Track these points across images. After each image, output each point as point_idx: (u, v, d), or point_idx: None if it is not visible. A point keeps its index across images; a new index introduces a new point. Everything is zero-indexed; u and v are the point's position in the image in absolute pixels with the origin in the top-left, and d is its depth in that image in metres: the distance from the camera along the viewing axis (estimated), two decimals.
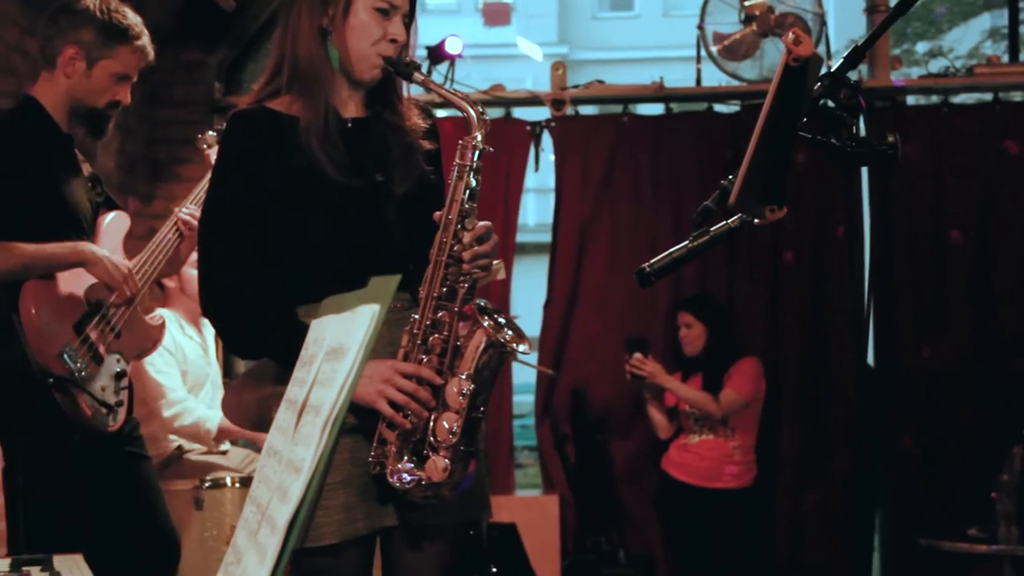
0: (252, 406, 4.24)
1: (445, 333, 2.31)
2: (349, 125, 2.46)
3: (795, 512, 6.05)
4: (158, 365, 4.58)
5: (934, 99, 6.21)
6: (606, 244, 6.28)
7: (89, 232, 3.45)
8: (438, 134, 2.59)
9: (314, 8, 2.43)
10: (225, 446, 4.77)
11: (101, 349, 3.32)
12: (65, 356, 3.16)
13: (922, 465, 5.91)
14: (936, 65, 6.24)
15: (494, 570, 5.23)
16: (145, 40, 3.43)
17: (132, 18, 3.41)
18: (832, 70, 2.17)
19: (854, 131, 2.16)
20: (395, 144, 2.48)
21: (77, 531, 3.25)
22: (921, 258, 6.01)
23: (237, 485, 4.02)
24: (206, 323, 4.97)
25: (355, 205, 2.40)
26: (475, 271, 2.34)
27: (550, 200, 6.63)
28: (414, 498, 2.28)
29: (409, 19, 2.46)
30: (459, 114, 2.44)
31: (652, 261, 2.35)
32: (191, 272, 4.76)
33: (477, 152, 2.36)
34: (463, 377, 2.28)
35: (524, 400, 7.94)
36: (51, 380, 3.12)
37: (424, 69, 3.13)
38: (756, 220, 2.17)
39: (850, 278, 6.10)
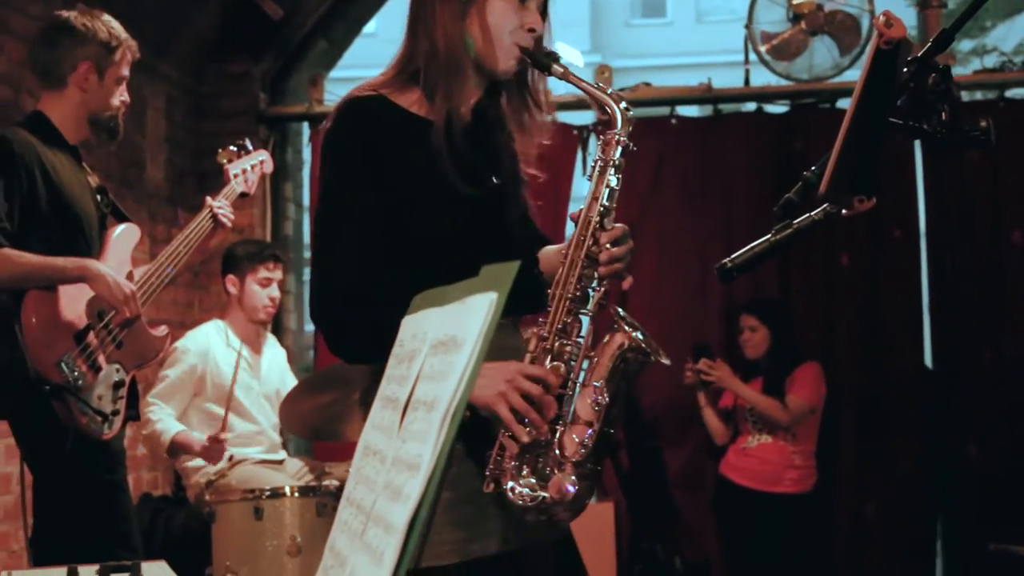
0: (308, 414, 4.25)
1: (577, 339, 2.13)
2: (469, 124, 2.30)
3: (856, 518, 5.95)
4: (172, 379, 4.56)
5: (979, 95, 6.10)
6: (655, 248, 6.21)
7: (95, 242, 3.51)
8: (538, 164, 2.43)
9: None
10: (281, 454, 4.74)
11: (100, 359, 3.37)
12: (63, 364, 3.23)
13: (986, 470, 5.80)
14: (988, 62, 6.11)
15: None
16: (126, 35, 3.55)
17: (115, 24, 3.55)
18: (919, 55, 2.11)
19: (944, 117, 2.10)
20: (504, 152, 2.33)
21: (79, 537, 3.28)
22: (980, 259, 5.90)
23: (296, 495, 3.97)
24: (265, 339, 4.93)
25: (476, 212, 2.24)
26: (610, 274, 2.17)
27: None
28: (527, 519, 2.08)
29: (544, 9, 2.31)
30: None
31: (733, 256, 2.26)
32: (256, 290, 4.75)
33: (620, 148, 2.22)
34: (597, 385, 2.10)
35: None
36: (47, 387, 3.18)
37: None
38: (844, 211, 2.11)
39: (907, 280, 6.00)
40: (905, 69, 2.09)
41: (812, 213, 2.20)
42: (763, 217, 5.96)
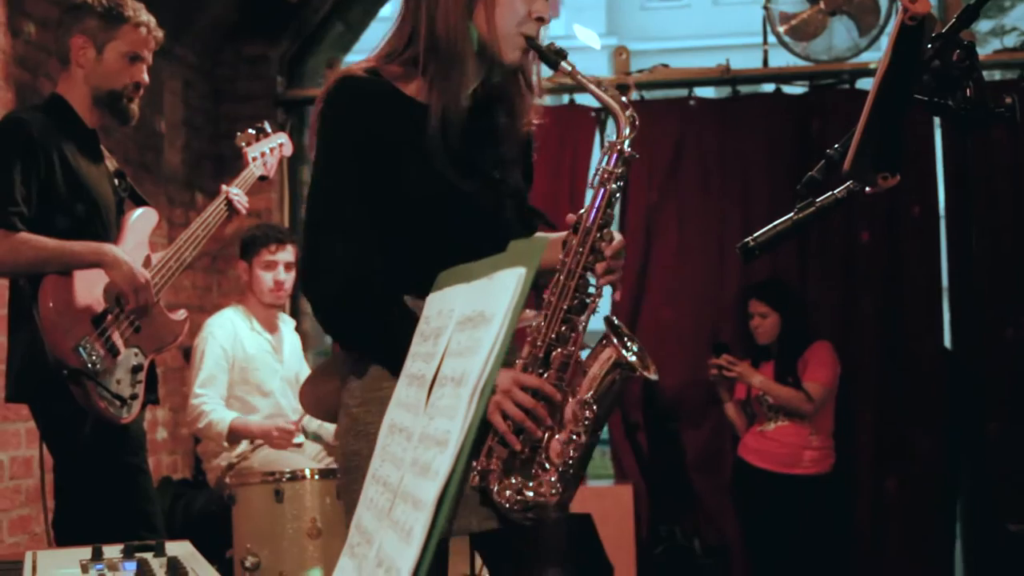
0: (329, 398, 4.23)
1: (570, 348, 2.12)
2: (468, 114, 2.26)
3: (875, 499, 5.93)
4: (208, 364, 4.57)
5: (997, 75, 6.06)
6: (674, 230, 6.19)
7: (113, 226, 3.51)
8: (532, 142, 2.41)
9: None
10: (300, 437, 4.75)
11: (119, 343, 3.37)
12: (81, 349, 3.22)
13: (1006, 451, 5.77)
14: (1007, 42, 6.04)
15: None
16: (145, 18, 3.50)
17: (130, 2, 3.49)
18: (944, 31, 2.09)
19: (969, 94, 2.08)
20: (507, 144, 2.31)
21: (100, 519, 3.31)
22: (999, 237, 5.86)
23: (316, 477, 3.98)
24: (282, 322, 4.95)
25: (473, 205, 2.23)
26: (606, 285, 2.17)
27: None
28: (515, 519, 2.10)
29: None
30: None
31: (755, 235, 2.25)
32: (261, 274, 4.75)
33: (623, 157, 2.18)
34: (586, 398, 2.10)
35: None
36: (65, 372, 3.19)
37: None
38: (868, 189, 2.09)
39: (926, 259, 5.97)
40: (929, 45, 2.08)
41: (835, 191, 2.19)
42: (781, 198, 5.97)
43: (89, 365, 3.23)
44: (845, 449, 5.66)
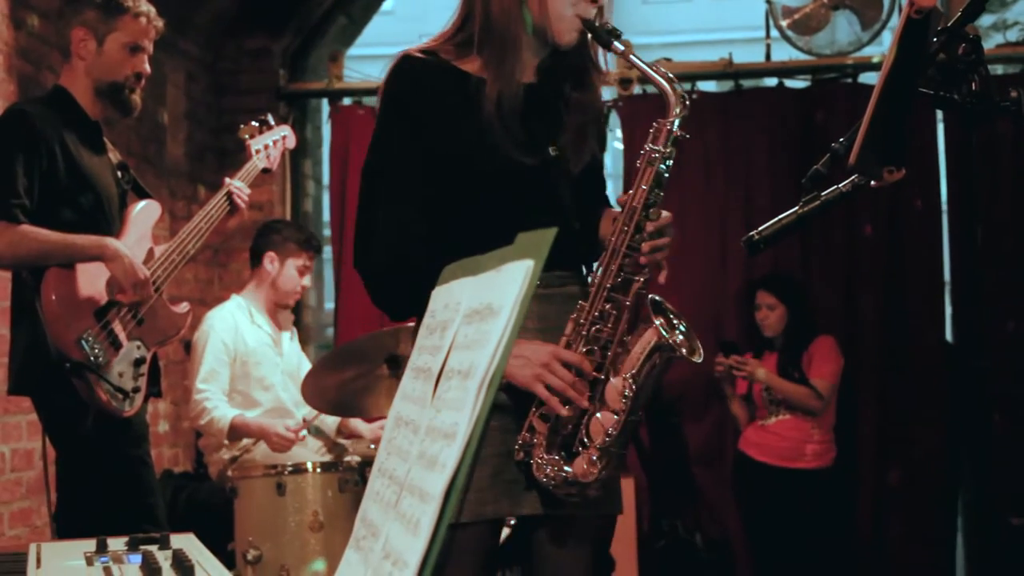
0: (331, 390, 4.26)
1: (611, 326, 2.14)
2: (525, 92, 2.28)
3: (876, 493, 5.94)
4: (209, 358, 4.57)
5: (999, 69, 6.05)
6: (676, 225, 6.16)
7: (116, 219, 3.50)
8: (605, 119, 2.45)
9: None
10: (302, 432, 4.75)
11: (121, 336, 3.36)
12: (83, 342, 3.22)
13: (1008, 444, 5.77)
14: (1010, 36, 6.04)
15: None
16: (145, 8, 3.49)
17: None
18: (949, 24, 2.09)
19: (974, 87, 2.08)
20: (570, 123, 2.31)
21: (102, 512, 3.30)
22: (1002, 231, 5.85)
23: (318, 470, 3.98)
24: (284, 315, 4.96)
25: (527, 182, 2.24)
26: (650, 264, 2.18)
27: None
28: (557, 494, 2.13)
29: None
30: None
31: (760, 228, 2.26)
32: (292, 274, 4.77)
33: (672, 138, 2.20)
34: (626, 377, 2.10)
35: None
36: (68, 365, 3.19)
37: None
38: (873, 182, 2.09)
39: (929, 252, 5.97)
40: (935, 39, 2.07)
41: (840, 184, 2.19)
42: (784, 192, 5.97)
43: (91, 358, 3.23)
44: (846, 443, 5.67)
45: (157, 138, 5.71)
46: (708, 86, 6.52)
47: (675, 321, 2.16)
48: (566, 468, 2.11)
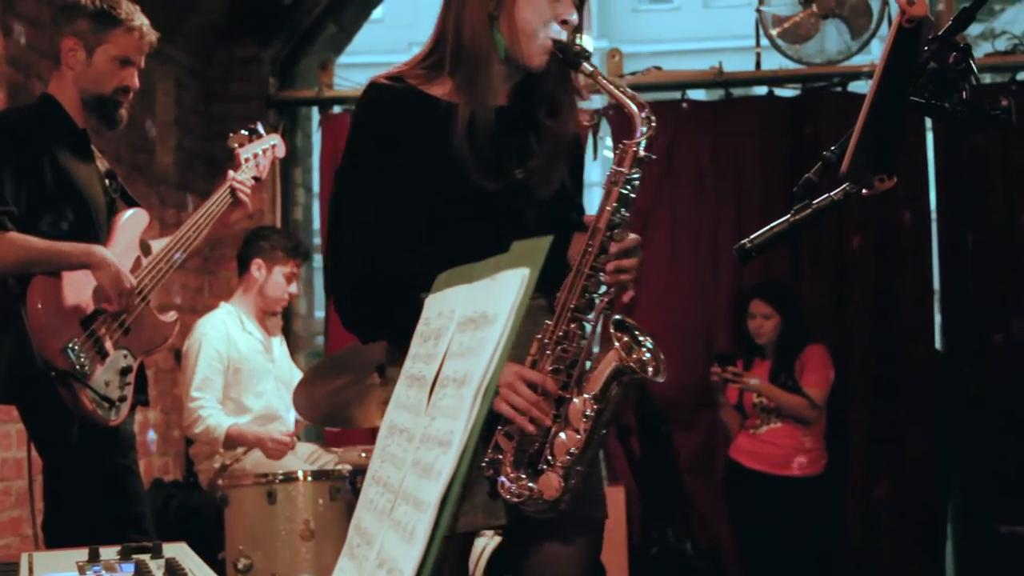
0: (322, 400, 4.24)
1: (576, 345, 2.16)
2: (497, 116, 2.30)
3: (867, 501, 5.95)
4: (202, 366, 4.56)
5: (988, 78, 6.06)
6: (666, 233, 6.19)
7: (103, 227, 3.48)
8: (583, 144, 2.46)
9: None
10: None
11: (108, 344, 3.35)
12: (68, 351, 3.20)
13: (997, 453, 5.79)
14: (998, 45, 6.05)
15: None
16: (139, 21, 3.47)
17: (124, 4, 3.46)
18: (940, 33, 2.09)
19: (964, 95, 2.08)
20: (540, 150, 2.33)
21: (90, 521, 3.29)
22: (991, 241, 5.87)
23: (309, 479, 3.97)
24: (273, 322, 4.96)
25: (492, 205, 2.26)
26: (615, 286, 2.20)
27: None
28: (526, 511, 2.16)
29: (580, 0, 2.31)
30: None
31: (752, 237, 2.25)
32: (280, 281, 4.77)
33: (637, 159, 2.22)
34: (588, 397, 2.13)
35: None
36: (53, 373, 3.17)
37: None
38: (864, 191, 2.09)
39: (918, 263, 5.99)
40: (926, 48, 2.08)
41: (832, 193, 2.19)
42: (774, 200, 5.98)
43: (77, 367, 3.21)
44: (837, 451, 5.67)
45: (146, 146, 5.70)
46: (698, 95, 6.53)
47: (640, 338, 2.19)
48: (531, 485, 2.13)
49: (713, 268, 6.12)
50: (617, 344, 2.13)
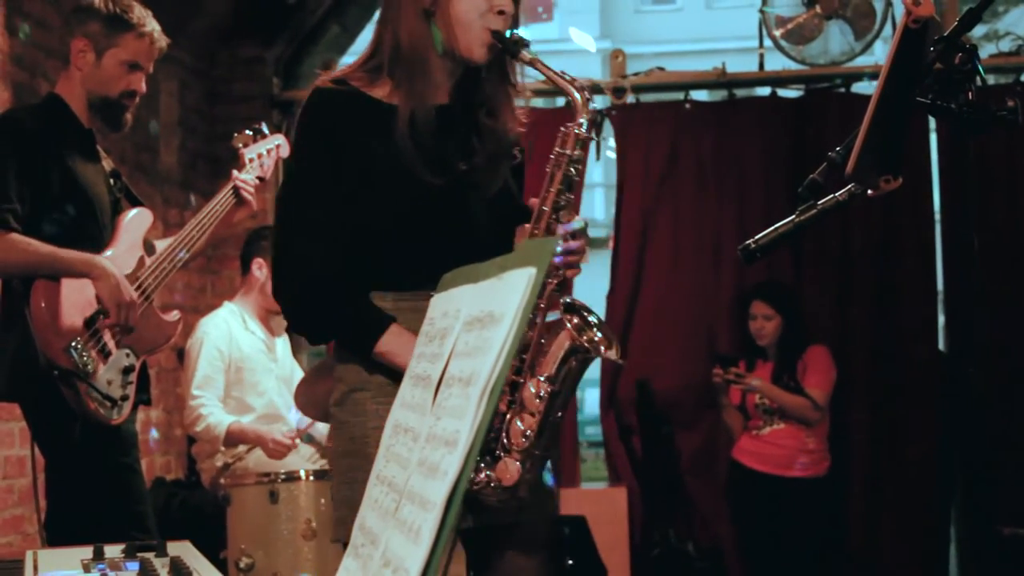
0: (324, 398, 4.23)
1: (526, 329, 2.13)
2: (438, 113, 2.33)
3: (869, 502, 5.94)
4: (204, 365, 4.55)
5: (992, 80, 6.05)
6: (669, 233, 6.20)
7: (108, 226, 3.49)
8: (522, 144, 2.47)
9: None
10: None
11: (110, 344, 3.34)
12: (71, 350, 3.20)
13: (1000, 455, 5.78)
14: (1003, 46, 6.04)
15: (570, 562, 5.17)
16: (151, 27, 3.47)
17: (137, 9, 3.46)
18: (946, 34, 2.09)
19: (970, 96, 2.08)
20: (482, 149, 2.36)
21: (92, 519, 3.29)
22: (995, 242, 5.86)
23: (311, 478, 3.97)
24: (276, 321, 4.95)
25: (438, 201, 2.29)
26: (563, 267, 2.21)
27: None
28: (486, 501, 2.15)
29: None
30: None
31: (757, 237, 2.25)
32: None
33: (579, 141, 2.24)
34: (542, 379, 2.13)
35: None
36: (56, 373, 3.18)
37: None
38: (869, 191, 2.09)
39: (922, 263, 5.98)
40: (932, 48, 2.08)
41: (837, 194, 2.18)
42: (777, 201, 5.97)
43: (80, 366, 3.21)
44: (840, 452, 5.67)
45: (150, 146, 5.70)
46: (701, 95, 6.54)
47: (590, 318, 2.18)
48: (488, 473, 2.13)
49: (715, 269, 6.11)
50: (568, 325, 2.13)
